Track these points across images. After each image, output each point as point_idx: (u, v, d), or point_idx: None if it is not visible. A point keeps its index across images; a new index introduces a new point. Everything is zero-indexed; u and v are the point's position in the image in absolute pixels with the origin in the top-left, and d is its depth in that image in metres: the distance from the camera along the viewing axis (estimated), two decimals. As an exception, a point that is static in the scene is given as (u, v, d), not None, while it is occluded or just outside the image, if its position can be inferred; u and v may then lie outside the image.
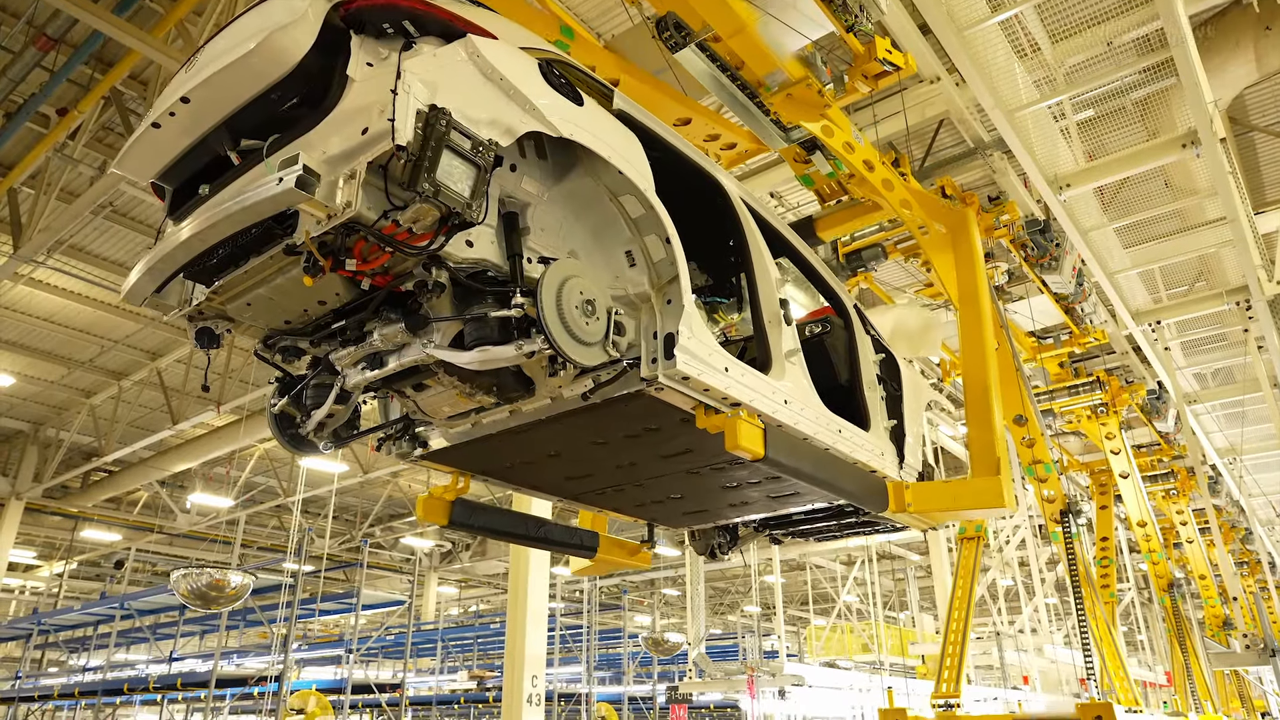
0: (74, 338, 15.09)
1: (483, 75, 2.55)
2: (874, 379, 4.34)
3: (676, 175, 3.41)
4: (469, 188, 2.38)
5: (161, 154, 2.75)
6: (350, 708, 14.53)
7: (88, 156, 10.17)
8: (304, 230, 2.36)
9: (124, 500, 22.03)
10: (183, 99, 2.55)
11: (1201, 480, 11.44)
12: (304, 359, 3.12)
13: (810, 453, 3.58)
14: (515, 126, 2.55)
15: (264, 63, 2.44)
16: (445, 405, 3.20)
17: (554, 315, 2.54)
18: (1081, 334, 10.55)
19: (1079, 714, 6.60)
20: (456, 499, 3.99)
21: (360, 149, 2.34)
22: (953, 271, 5.77)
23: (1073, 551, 7.81)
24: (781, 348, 3.46)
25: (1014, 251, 8.43)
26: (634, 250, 3.00)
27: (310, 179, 2.23)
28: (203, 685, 12.65)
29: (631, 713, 19.11)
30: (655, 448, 3.54)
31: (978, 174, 9.57)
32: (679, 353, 2.81)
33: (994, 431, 4.75)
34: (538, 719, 10.94)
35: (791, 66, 5.29)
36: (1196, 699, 11.37)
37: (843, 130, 5.74)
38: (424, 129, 2.29)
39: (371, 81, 2.45)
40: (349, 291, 2.70)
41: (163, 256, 2.63)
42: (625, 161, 2.87)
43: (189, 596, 11.03)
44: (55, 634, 18.61)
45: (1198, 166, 8.59)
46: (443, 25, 2.60)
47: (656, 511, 4.58)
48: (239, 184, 2.54)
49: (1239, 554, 17.54)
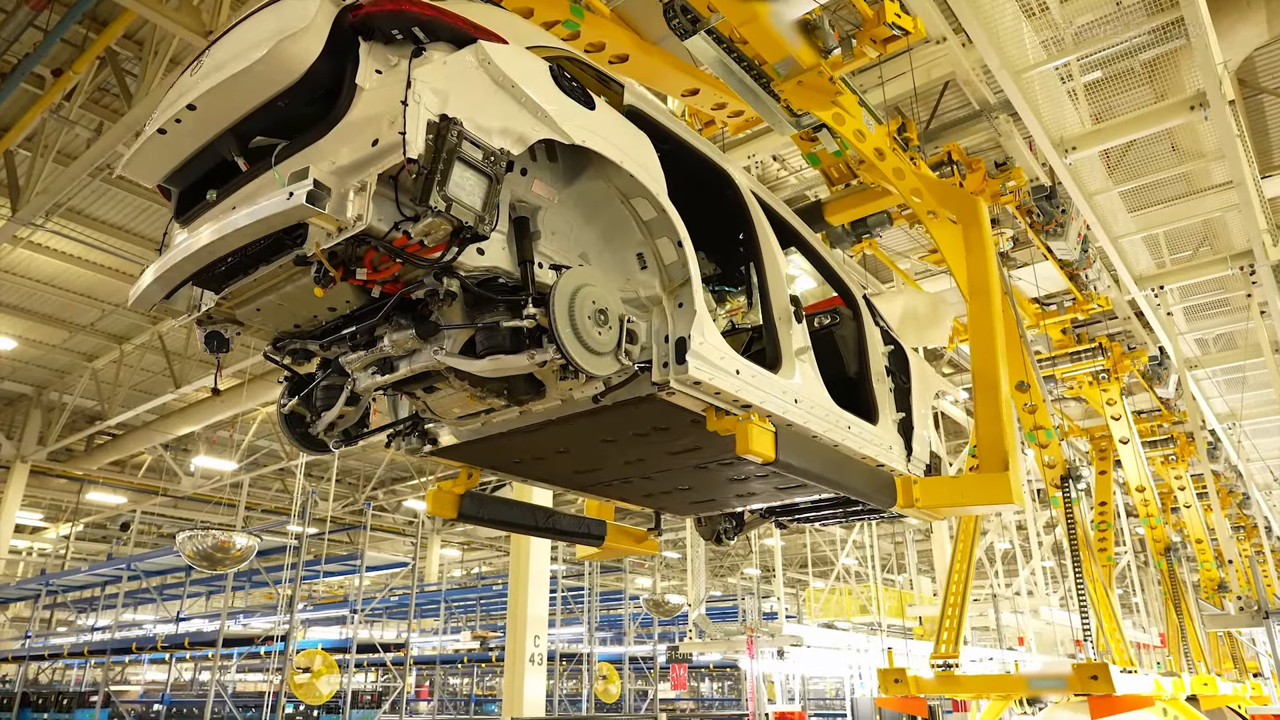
0: (74, 301, 15.08)
1: (494, 82, 2.51)
2: (883, 371, 4.31)
3: (686, 167, 3.39)
4: (481, 200, 2.35)
5: (167, 158, 2.73)
6: (355, 666, 14.77)
7: (84, 118, 10.09)
8: (314, 242, 2.34)
9: (128, 463, 22.19)
10: (189, 106, 2.52)
11: (1200, 446, 11.46)
12: (313, 360, 3.11)
13: (820, 453, 3.59)
14: (527, 134, 2.51)
15: (271, 71, 2.41)
16: (455, 406, 3.19)
17: (567, 326, 2.52)
18: (1085, 300, 10.52)
19: (1075, 674, 6.69)
20: (465, 492, 4.01)
21: (370, 160, 2.31)
22: (963, 262, 5.65)
23: (1072, 516, 7.86)
24: (792, 345, 3.45)
25: (1019, 217, 8.38)
26: (645, 253, 2.98)
27: (321, 193, 2.21)
28: (210, 644, 12.84)
29: (632, 672, 19.40)
30: (664, 445, 3.53)
31: (983, 137, 9.47)
32: (691, 358, 2.80)
33: (1003, 427, 4.72)
34: (540, 678, 11.12)
35: (803, 54, 5.21)
36: (1190, 660, 11.52)
37: (854, 118, 5.65)
38: (435, 140, 2.25)
39: (381, 90, 2.41)
40: (359, 298, 2.68)
41: (172, 266, 2.61)
42: (638, 165, 2.85)
43: (195, 558, 11.15)
44: (63, 594, 18.86)
45: (1205, 129, 8.50)
46: (453, 31, 2.54)
47: (664, 501, 4.61)
48: (247, 191, 2.54)
49: (1235, 518, 17.66)
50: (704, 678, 31.07)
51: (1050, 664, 14.04)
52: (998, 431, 4.71)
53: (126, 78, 9.08)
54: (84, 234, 12.39)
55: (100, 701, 14.25)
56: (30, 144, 10.29)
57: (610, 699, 17.52)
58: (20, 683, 17.26)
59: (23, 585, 19.51)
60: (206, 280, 2.75)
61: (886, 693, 7.84)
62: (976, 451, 4.93)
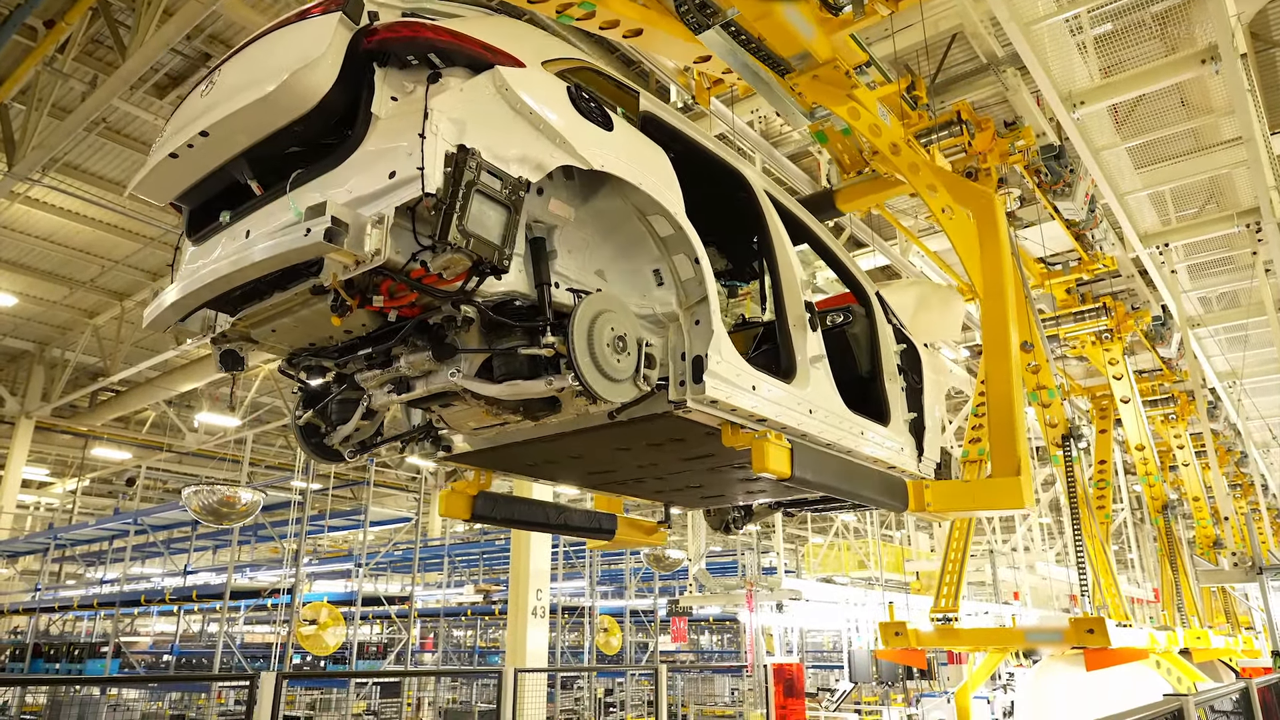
0: (74, 257, 15.02)
1: (511, 109, 2.46)
2: (895, 370, 4.29)
3: (701, 168, 3.37)
4: (500, 233, 2.31)
5: (180, 180, 2.71)
6: (361, 619, 15.00)
7: (78, 71, 9.94)
8: (331, 273, 2.31)
9: (132, 419, 22.29)
10: (202, 133, 2.49)
11: (1201, 405, 11.50)
12: (328, 373, 3.10)
13: (834, 465, 3.59)
14: (545, 162, 2.48)
15: (286, 100, 2.37)
16: (470, 420, 3.19)
17: (586, 355, 2.50)
18: (1090, 260, 10.48)
19: (1072, 627, 6.80)
20: (479, 494, 4.03)
21: (387, 192, 2.28)
22: (977, 260, 5.54)
23: (1073, 475, 7.91)
24: (806, 353, 3.42)
25: (1027, 177, 8.30)
26: (662, 269, 2.95)
27: (339, 230, 2.18)
28: (217, 597, 13.03)
29: (633, 625, 19.70)
30: (678, 453, 3.55)
31: (989, 91, 9.33)
32: (708, 378, 2.79)
33: (1016, 431, 4.72)
34: (542, 631, 11.30)
35: (818, 47, 5.11)
36: (1183, 614, 11.68)
37: (869, 112, 5.56)
38: (453, 173, 2.21)
39: (397, 120, 2.37)
40: (375, 320, 2.66)
41: (189, 294, 2.60)
42: (656, 185, 2.81)
43: (200, 512, 11.27)
44: (71, 548, 19.08)
45: (1215, 84, 8.37)
46: (469, 55, 2.49)
47: (674, 497, 4.67)
48: (261, 216, 2.51)
49: (1233, 476, 17.77)
50: (704, 631, 31.55)
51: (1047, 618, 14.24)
52: (1010, 435, 4.71)
53: (120, 29, 8.93)
54: (82, 189, 12.29)
55: (111, 652, 14.50)
56: (24, 97, 10.16)
57: (611, 651, 17.82)
58: (32, 634, 17.56)
59: (31, 539, 19.73)
60: (221, 304, 2.74)
61: (887, 645, 7.98)
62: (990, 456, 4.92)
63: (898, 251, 11.67)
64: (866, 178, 6.70)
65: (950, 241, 5.97)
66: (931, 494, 4.36)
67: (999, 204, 5.70)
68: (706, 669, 26.82)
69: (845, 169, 6.78)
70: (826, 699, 18.09)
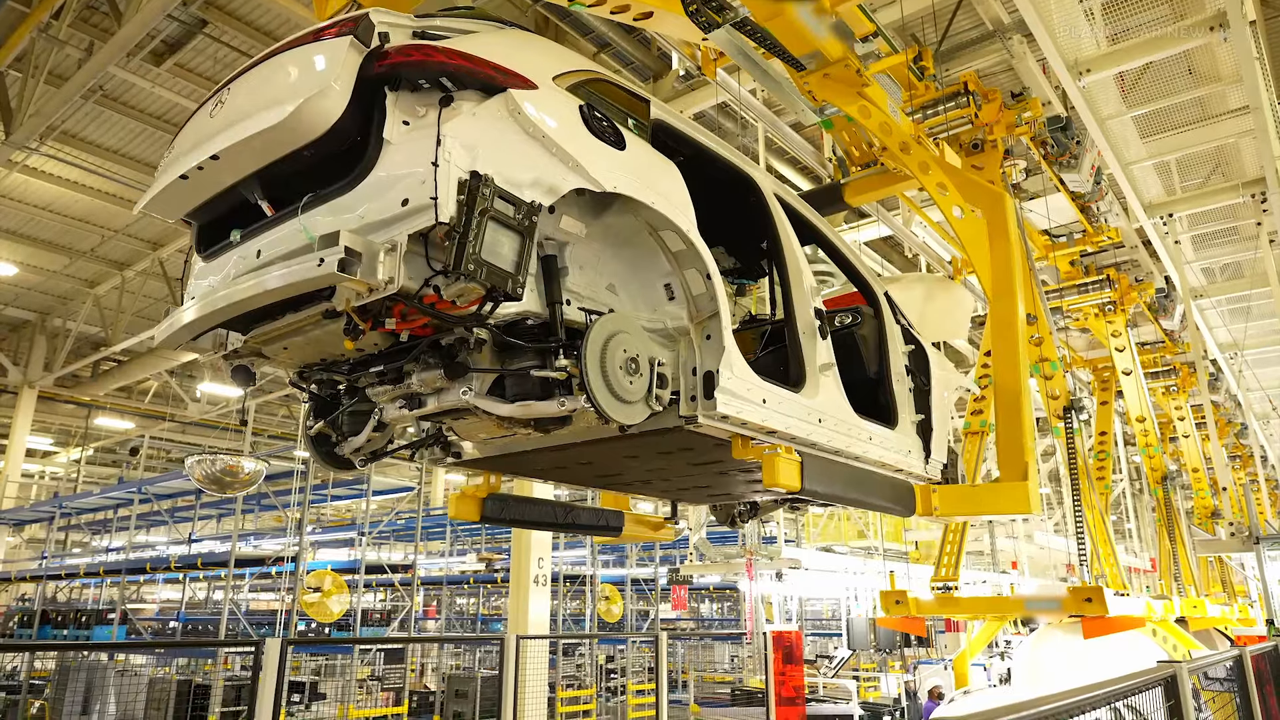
0: (74, 227, 14.97)
1: (524, 133, 2.44)
2: (903, 371, 4.27)
3: (711, 171, 3.37)
4: (513, 260, 2.31)
5: (189, 199, 2.71)
6: (364, 587, 15.14)
7: (74, 38, 9.84)
8: (344, 299, 2.31)
9: (135, 389, 22.34)
10: (213, 156, 2.49)
11: (1202, 376, 11.50)
12: (339, 386, 3.11)
13: (843, 475, 3.61)
14: (559, 185, 2.46)
15: (296, 128, 2.35)
16: (481, 431, 3.21)
17: (598, 378, 2.50)
18: (1095, 233, 10.43)
19: (1071, 596, 6.86)
20: (488, 496, 4.06)
21: (400, 220, 2.27)
22: (987, 260, 5.49)
23: (1074, 446, 7.94)
24: (816, 361, 3.41)
25: (1034, 149, 8.24)
26: (673, 283, 2.94)
27: (352, 260, 2.17)
28: (222, 565, 13.14)
29: (634, 593, 19.88)
30: (687, 459, 3.57)
31: (995, 58, 9.24)
32: (719, 394, 2.79)
33: (1024, 435, 4.72)
34: (544, 598, 11.40)
35: (829, 47, 5.05)
36: (1180, 583, 11.78)
37: (879, 110, 5.51)
38: (466, 201, 2.20)
39: (409, 146, 2.35)
40: (387, 340, 2.66)
41: (202, 317, 2.61)
42: (668, 204, 2.80)
43: (204, 481, 11.34)
44: (77, 516, 19.19)
45: (1224, 52, 8.26)
46: (481, 79, 2.46)
47: (682, 495, 4.73)
48: (273, 237, 2.51)
49: (1232, 448, 17.83)
50: (704, 599, 31.84)
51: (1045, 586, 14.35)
52: (1019, 439, 4.72)
53: (116, -5, 8.82)
54: (80, 158, 12.21)
55: (118, 619, 14.66)
56: (20, 65, 10.07)
57: (613, 618, 18.01)
58: (39, 601, 17.73)
59: (37, 508, 19.86)
60: (233, 324, 2.75)
61: (888, 613, 8.05)
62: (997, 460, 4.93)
63: (900, 222, 11.61)
64: (875, 171, 6.66)
65: (961, 242, 5.89)
66: (939, 498, 4.39)
67: (1010, 204, 5.64)
68: (707, 636, 27.11)
69: (853, 161, 6.74)
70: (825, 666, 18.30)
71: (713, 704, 17.67)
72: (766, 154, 10.28)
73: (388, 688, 16.41)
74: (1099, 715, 2.71)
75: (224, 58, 10.52)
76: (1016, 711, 1.87)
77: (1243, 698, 4.70)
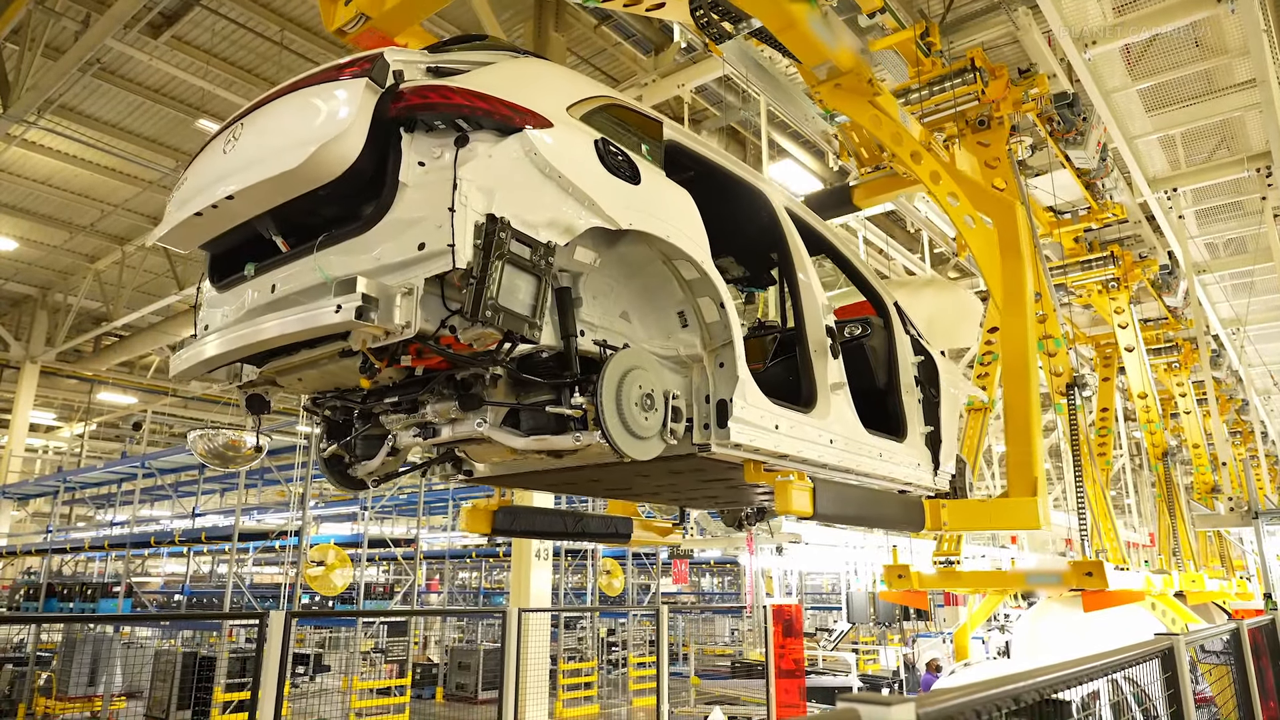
0: (73, 201, 14.91)
1: (540, 173, 2.42)
2: (912, 382, 4.26)
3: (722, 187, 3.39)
4: (530, 304, 2.30)
5: (204, 234, 2.72)
6: (367, 560, 15.25)
7: (71, 10, 9.75)
8: (361, 340, 2.30)
9: (137, 364, 22.37)
10: (228, 196, 2.48)
11: (1204, 352, 11.49)
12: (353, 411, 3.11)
13: (854, 497, 3.62)
14: (575, 225, 2.44)
15: (312, 172, 2.34)
16: (493, 455, 3.22)
17: (614, 416, 2.50)
18: (1100, 209, 10.38)
19: (1072, 570, 6.90)
20: (499, 509, 4.08)
21: (417, 263, 2.26)
22: (997, 269, 5.44)
23: (1076, 423, 7.95)
24: (827, 381, 3.40)
25: (1040, 125, 8.18)
26: (686, 311, 2.93)
27: (369, 307, 2.17)
28: (226, 539, 13.22)
29: (635, 567, 20.01)
30: (697, 477, 3.58)
31: (1000, 30, 9.14)
32: (733, 423, 2.80)
33: (1033, 452, 4.71)
34: (545, 573, 11.46)
35: (841, 57, 4.99)
36: (1179, 558, 11.84)
37: (892, 119, 5.46)
38: (483, 245, 2.19)
39: (425, 189, 2.33)
40: (401, 372, 2.66)
41: (217, 355, 2.61)
42: (683, 236, 2.79)
43: (207, 456, 11.38)
44: (81, 491, 19.29)
45: (1231, 24, 8.18)
46: (496, 119, 2.43)
47: (690, 503, 4.78)
48: (287, 273, 2.51)
49: (1233, 424, 17.84)
50: (704, 573, 32.07)
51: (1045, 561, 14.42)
52: (1028, 455, 4.72)
53: (112, -35, 8.73)
54: (79, 132, 12.14)
55: (123, 592, 14.78)
56: (18, 37, 9.98)
57: (614, 592, 18.14)
58: (45, 574, 17.87)
59: (41, 482, 19.95)
60: (250, 357, 2.75)
61: (891, 586, 8.10)
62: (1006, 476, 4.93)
63: (904, 198, 11.54)
64: (885, 174, 6.63)
65: (971, 251, 5.84)
66: (949, 513, 4.40)
67: (1021, 213, 5.58)
68: (707, 610, 27.34)
69: (863, 162, 6.72)
70: (824, 639, 18.46)
71: (713, 676, 17.85)
72: (769, 127, 10.20)
73: (391, 660, 16.58)
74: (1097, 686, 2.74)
75: (221, 30, 10.43)
76: (1015, 682, 1.88)
77: (1239, 671, 4.73)
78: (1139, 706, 3.70)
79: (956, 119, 7.02)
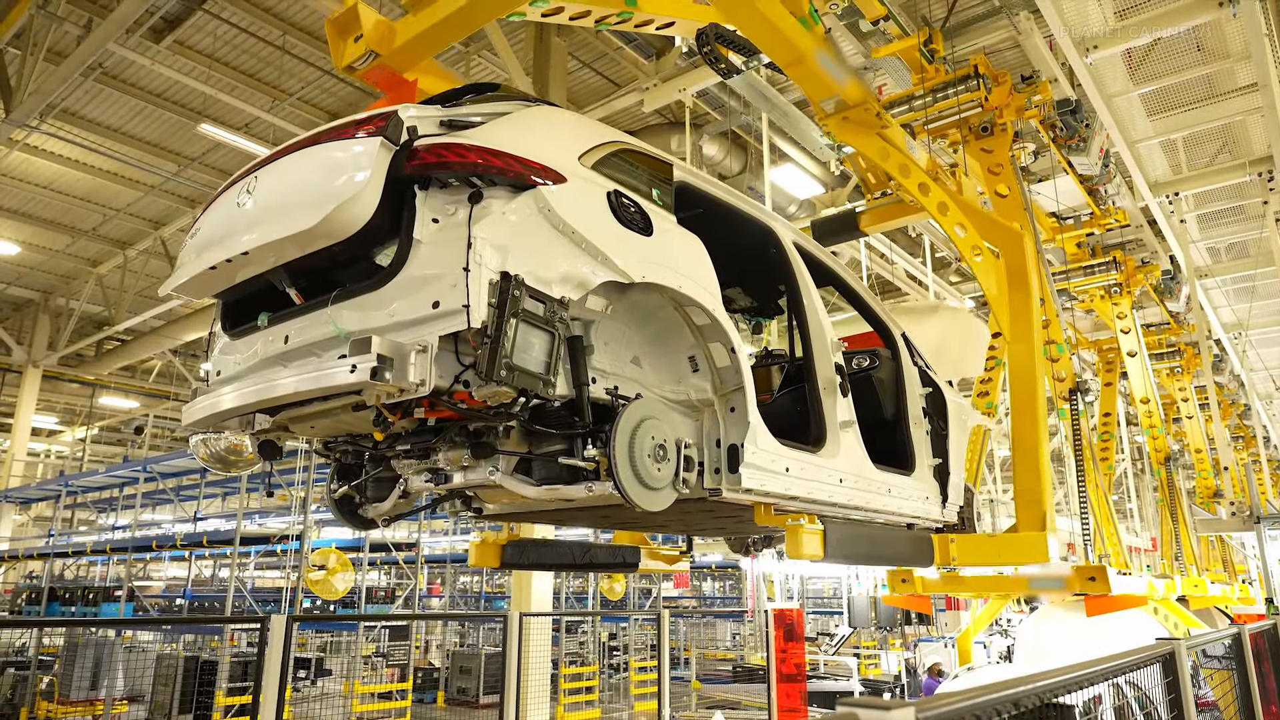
0: (75, 206, 14.94)
1: (554, 229, 2.42)
2: (920, 414, 4.24)
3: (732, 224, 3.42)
4: (544, 361, 2.32)
5: (217, 284, 2.75)
6: (369, 565, 15.23)
7: (73, 14, 9.78)
8: (375, 397, 2.31)
9: (138, 369, 22.39)
10: (243, 252, 2.50)
11: (1206, 357, 11.48)
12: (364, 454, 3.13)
13: (864, 536, 3.62)
14: (588, 280, 2.46)
15: (326, 231, 2.35)
16: (504, 497, 3.23)
17: (627, 469, 2.50)
18: (1102, 215, 10.38)
19: (1074, 574, 6.88)
20: (507, 543, 4.10)
21: (431, 320, 2.27)
22: (1004, 301, 5.40)
23: (1078, 428, 7.93)
24: (836, 419, 3.39)
25: (1043, 132, 8.19)
26: (697, 356, 2.94)
27: (384, 367, 2.17)
28: (227, 543, 13.21)
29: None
30: (706, 513, 3.59)
31: (1001, 35, 9.16)
32: (744, 468, 2.80)
33: (1043, 485, 4.70)
34: (547, 576, 11.44)
35: (850, 91, 5.01)
36: (1181, 563, 11.82)
37: (899, 151, 5.45)
38: (498, 304, 2.20)
39: (439, 246, 2.33)
40: (414, 423, 2.66)
41: (231, 408, 2.62)
42: (694, 284, 2.80)
43: (208, 460, 11.38)
44: (83, 495, 19.29)
45: (1233, 28, 8.18)
46: (510, 176, 2.44)
47: (700, 533, 4.80)
48: (300, 325, 2.52)
49: (1235, 428, 17.81)
50: (706, 577, 32.04)
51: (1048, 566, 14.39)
52: (1036, 489, 4.70)
53: (115, -30, 8.76)
54: (81, 136, 12.17)
55: (125, 596, 14.77)
56: (20, 42, 10.01)
57: (615, 596, 18.12)
58: (47, 578, 17.86)
59: (43, 486, 19.95)
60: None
61: (894, 591, 8.07)
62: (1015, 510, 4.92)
63: (905, 200, 11.55)
64: (891, 200, 6.63)
65: (979, 283, 5.81)
66: (957, 548, 4.38)
67: (1030, 244, 5.55)
68: (709, 614, 27.30)
69: (869, 188, 6.72)
70: (826, 643, 18.43)
71: (714, 681, 17.82)
72: (770, 132, 10.21)
73: (393, 664, 16.56)
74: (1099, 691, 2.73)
75: (223, 34, 10.46)
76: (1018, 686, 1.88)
77: (1241, 675, 4.72)
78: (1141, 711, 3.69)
79: (960, 125, 7.03)
